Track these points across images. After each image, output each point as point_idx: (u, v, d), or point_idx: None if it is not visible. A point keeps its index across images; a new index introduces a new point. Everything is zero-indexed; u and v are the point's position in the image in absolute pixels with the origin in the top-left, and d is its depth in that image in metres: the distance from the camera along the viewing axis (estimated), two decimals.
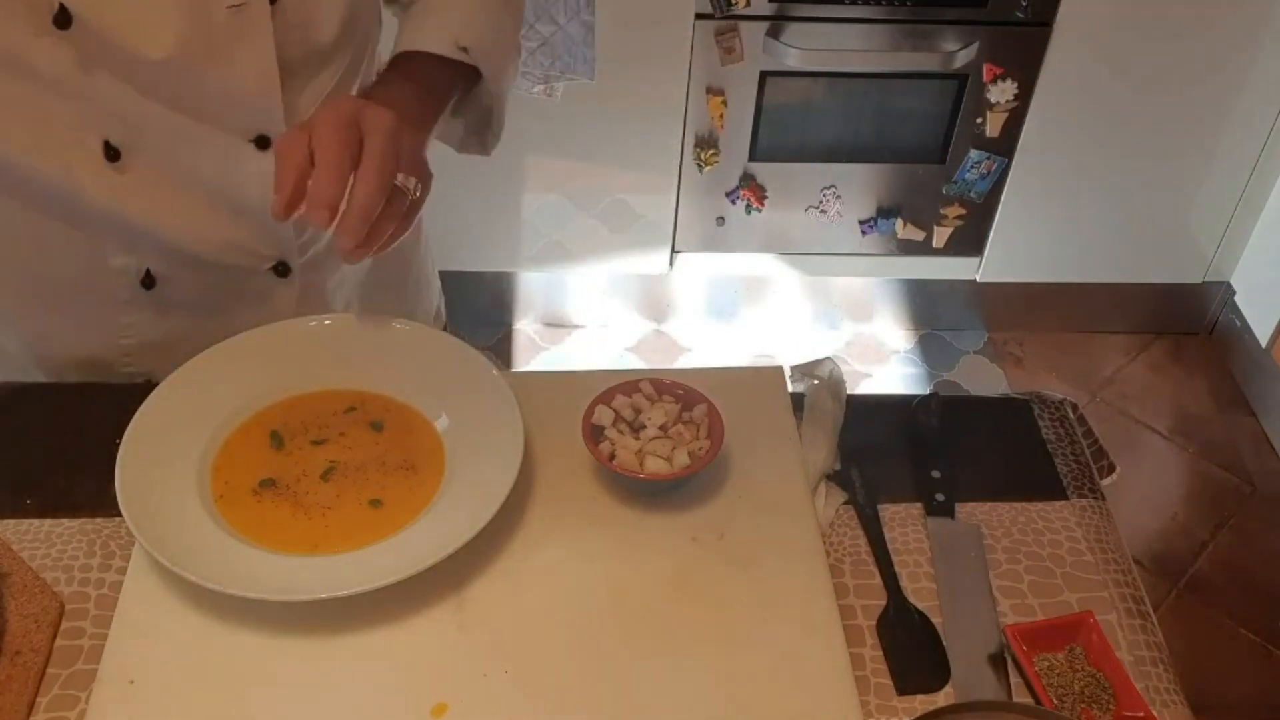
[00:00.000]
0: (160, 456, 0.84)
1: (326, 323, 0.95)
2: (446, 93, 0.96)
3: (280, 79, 0.88)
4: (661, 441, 0.86)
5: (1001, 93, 2.15)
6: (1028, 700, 0.77)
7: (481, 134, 1.06)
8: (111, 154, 0.88)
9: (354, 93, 0.98)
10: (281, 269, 1.00)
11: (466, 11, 0.97)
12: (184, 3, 0.82)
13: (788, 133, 2.21)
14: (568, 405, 0.89)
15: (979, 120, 2.19)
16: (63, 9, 0.80)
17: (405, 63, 0.94)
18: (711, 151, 2.20)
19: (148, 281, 0.96)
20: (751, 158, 2.23)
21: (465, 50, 0.93)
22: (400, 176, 0.82)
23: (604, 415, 0.87)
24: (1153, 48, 2.12)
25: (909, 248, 2.39)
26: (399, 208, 0.83)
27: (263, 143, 0.91)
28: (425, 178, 0.86)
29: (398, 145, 0.81)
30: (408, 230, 0.85)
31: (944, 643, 0.80)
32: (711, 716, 0.73)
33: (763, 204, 2.29)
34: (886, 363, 2.56)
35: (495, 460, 0.83)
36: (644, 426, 0.87)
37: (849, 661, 0.76)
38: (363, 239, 0.80)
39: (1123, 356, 2.60)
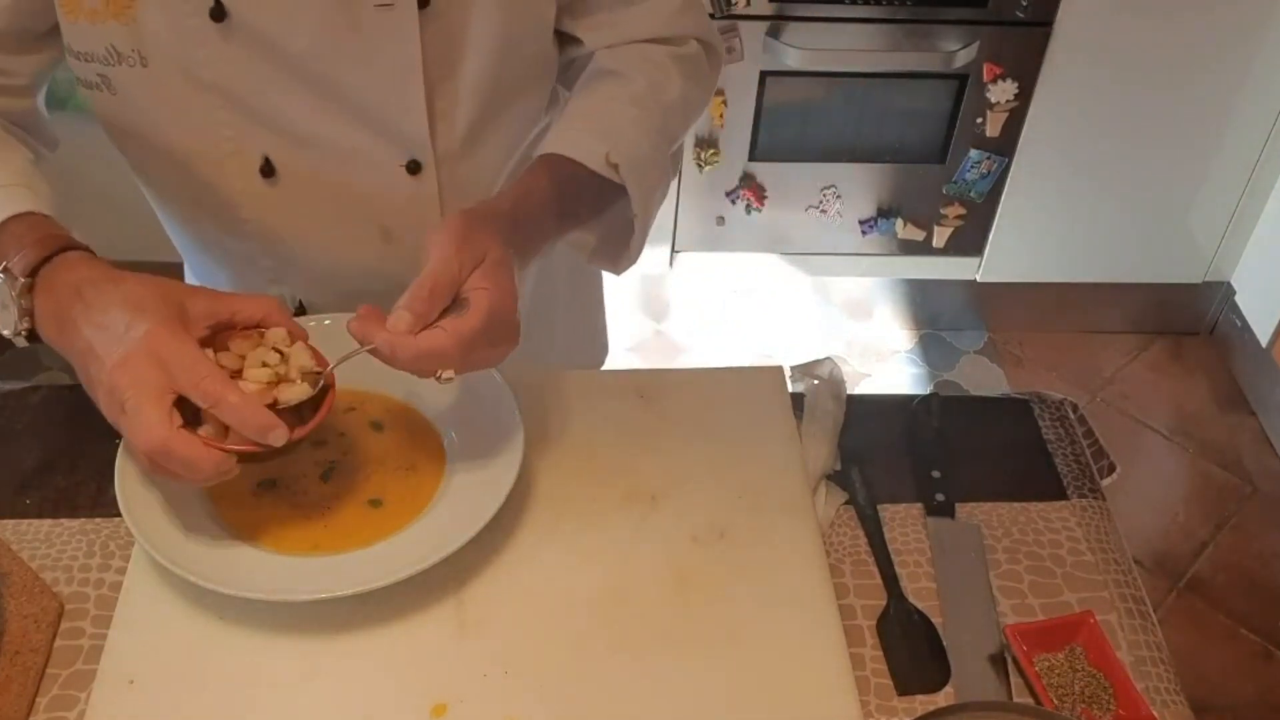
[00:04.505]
0: None
1: (326, 323, 0.95)
2: (586, 204, 0.91)
3: (426, 96, 0.87)
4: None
5: (1001, 93, 2.15)
6: (1028, 700, 0.77)
7: (615, 252, 0.96)
8: (267, 170, 0.90)
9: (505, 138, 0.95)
10: None
11: (622, 123, 0.90)
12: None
13: (788, 133, 2.21)
14: (568, 405, 0.89)
15: (979, 120, 2.19)
16: (218, 2, 0.82)
17: (550, 165, 0.88)
18: (711, 151, 2.20)
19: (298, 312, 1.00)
20: (751, 157, 2.22)
21: (615, 167, 0.88)
22: (441, 373, 0.75)
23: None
24: (1153, 47, 2.11)
25: (909, 248, 2.39)
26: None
27: (414, 168, 0.91)
28: (508, 339, 0.78)
29: (469, 349, 0.75)
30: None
31: (944, 643, 0.80)
32: (711, 716, 0.73)
33: (763, 204, 2.28)
34: (886, 363, 2.56)
35: (495, 460, 0.83)
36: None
37: (849, 661, 0.76)
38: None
39: (1123, 356, 2.60)
